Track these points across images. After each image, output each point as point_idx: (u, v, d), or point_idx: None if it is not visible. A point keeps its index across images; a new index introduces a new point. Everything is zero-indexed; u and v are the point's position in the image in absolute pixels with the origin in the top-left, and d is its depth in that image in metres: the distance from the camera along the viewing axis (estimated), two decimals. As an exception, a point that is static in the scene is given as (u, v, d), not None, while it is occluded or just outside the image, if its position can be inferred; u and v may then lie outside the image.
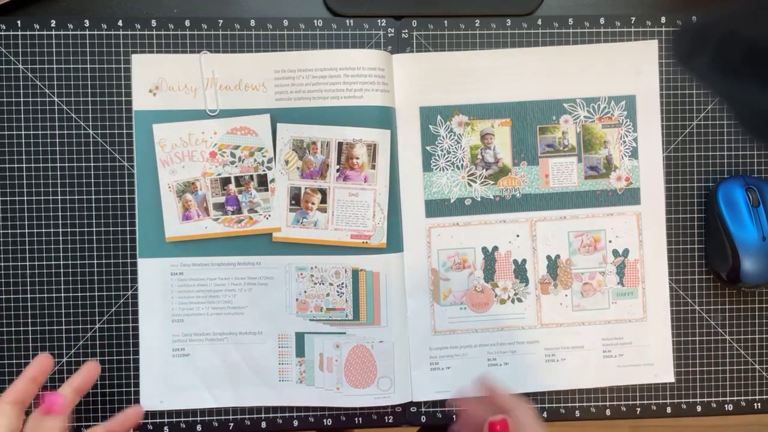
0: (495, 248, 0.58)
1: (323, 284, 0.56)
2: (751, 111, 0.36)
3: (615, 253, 0.59)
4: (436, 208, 0.58)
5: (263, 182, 0.56)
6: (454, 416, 0.58)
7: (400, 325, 0.57)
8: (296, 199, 0.56)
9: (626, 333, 0.58)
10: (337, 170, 0.56)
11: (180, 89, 0.56)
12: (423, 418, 0.58)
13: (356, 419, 0.58)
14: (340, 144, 0.56)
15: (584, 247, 0.58)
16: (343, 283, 0.56)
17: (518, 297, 0.58)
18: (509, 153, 0.58)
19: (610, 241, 0.58)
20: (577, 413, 0.59)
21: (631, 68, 0.58)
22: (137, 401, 0.56)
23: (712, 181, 0.59)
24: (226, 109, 0.56)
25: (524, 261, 0.58)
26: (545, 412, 0.59)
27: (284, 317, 0.56)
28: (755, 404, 0.60)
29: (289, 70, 0.56)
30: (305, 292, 0.56)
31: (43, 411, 0.47)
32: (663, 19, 0.59)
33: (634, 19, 0.59)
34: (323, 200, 0.56)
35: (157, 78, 0.56)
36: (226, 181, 0.56)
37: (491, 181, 0.58)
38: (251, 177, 0.56)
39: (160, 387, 0.56)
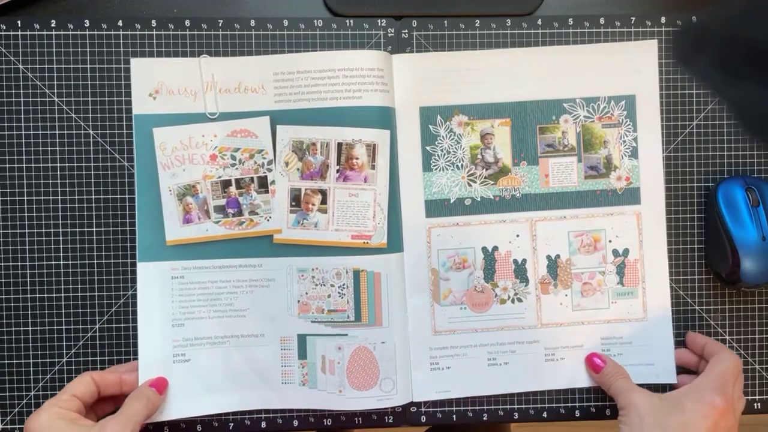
0: (495, 248, 0.58)
1: (324, 285, 0.56)
2: (751, 111, 0.36)
3: (615, 252, 0.58)
4: (436, 208, 0.58)
5: (263, 184, 0.56)
6: (454, 416, 0.58)
7: (401, 325, 0.57)
8: (296, 200, 0.56)
9: (626, 333, 0.58)
10: (337, 171, 0.56)
11: (180, 93, 0.56)
12: (423, 418, 0.58)
13: (356, 419, 0.58)
14: (339, 144, 0.56)
15: (584, 247, 0.58)
16: (344, 284, 0.56)
17: (518, 297, 0.58)
18: (509, 153, 0.58)
19: (610, 241, 0.58)
20: (577, 413, 0.59)
21: (630, 68, 0.58)
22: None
23: (712, 181, 0.59)
24: (225, 112, 0.56)
25: (524, 261, 0.58)
26: (545, 412, 0.59)
27: (286, 319, 0.56)
28: (755, 404, 0.60)
29: (288, 72, 0.56)
30: (306, 293, 0.56)
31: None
32: (663, 19, 0.59)
33: (634, 19, 0.59)
34: (323, 201, 0.56)
35: (156, 82, 0.55)
36: (226, 184, 0.56)
37: (491, 181, 0.58)
38: (251, 179, 0.56)
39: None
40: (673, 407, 0.50)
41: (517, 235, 0.58)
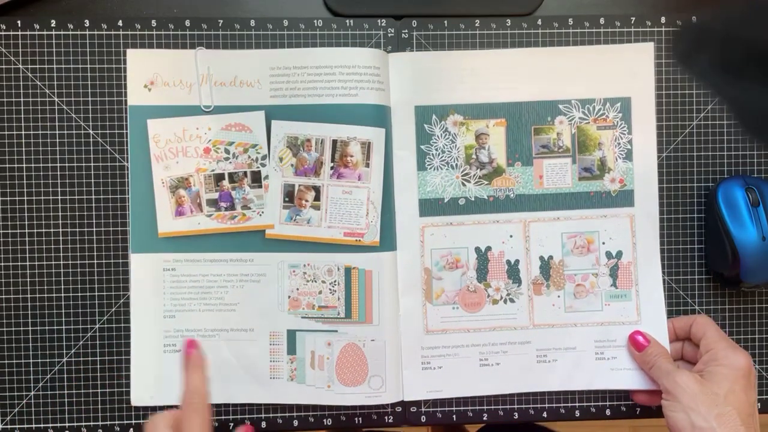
0: (488, 248, 0.58)
1: (315, 282, 0.56)
2: (751, 111, 0.36)
3: (608, 254, 0.58)
4: (429, 207, 0.58)
5: (257, 179, 0.56)
6: (454, 416, 0.58)
7: (392, 323, 0.57)
8: (290, 196, 0.56)
9: (620, 335, 0.58)
10: (331, 168, 0.56)
11: (175, 85, 0.56)
12: (423, 418, 0.58)
13: (356, 419, 0.58)
14: (334, 141, 0.56)
15: (577, 249, 0.58)
16: (335, 281, 0.56)
17: (511, 297, 0.58)
18: (504, 153, 0.58)
19: (603, 243, 0.58)
20: (577, 413, 0.59)
21: (626, 70, 0.58)
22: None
23: (712, 181, 0.59)
24: (220, 105, 0.56)
25: (517, 261, 0.58)
26: (545, 412, 0.59)
27: (276, 314, 0.56)
28: (756, 404, 0.59)
29: (284, 67, 0.56)
30: (297, 289, 0.56)
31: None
32: (663, 19, 0.59)
33: (634, 19, 0.59)
34: (317, 198, 0.56)
35: (152, 73, 0.56)
36: (219, 178, 0.56)
37: (485, 181, 0.58)
38: (245, 173, 0.56)
39: (150, 382, 0.56)
40: (714, 381, 0.51)
41: (511, 236, 0.58)
